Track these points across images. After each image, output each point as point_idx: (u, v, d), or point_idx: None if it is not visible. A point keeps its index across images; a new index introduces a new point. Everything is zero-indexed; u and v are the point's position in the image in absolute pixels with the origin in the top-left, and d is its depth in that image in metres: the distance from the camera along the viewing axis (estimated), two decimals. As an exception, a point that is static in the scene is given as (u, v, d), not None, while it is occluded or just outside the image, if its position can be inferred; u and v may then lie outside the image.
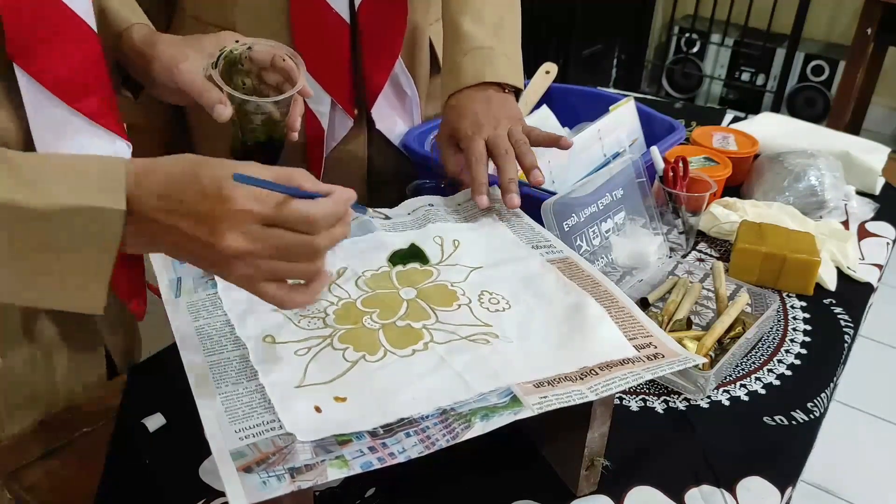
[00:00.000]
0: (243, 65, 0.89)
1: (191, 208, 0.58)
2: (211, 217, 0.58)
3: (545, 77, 1.45)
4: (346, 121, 1.18)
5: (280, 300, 0.62)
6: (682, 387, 0.91)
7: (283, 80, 0.90)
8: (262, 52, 0.89)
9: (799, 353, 1.00)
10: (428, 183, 1.16)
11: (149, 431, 0.80)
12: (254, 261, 0.59)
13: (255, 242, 0.58)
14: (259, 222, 0.58)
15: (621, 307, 0.77)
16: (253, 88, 0.90)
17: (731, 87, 3.77)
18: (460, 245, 0.86)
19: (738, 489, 0.78)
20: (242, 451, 0.58)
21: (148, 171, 0.59)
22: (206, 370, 0.66)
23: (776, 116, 1.69)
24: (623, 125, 1.29)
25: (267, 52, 0.89)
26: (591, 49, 3.47)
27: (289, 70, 0.89)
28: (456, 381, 0.66)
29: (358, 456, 0.58)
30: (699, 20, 3.72)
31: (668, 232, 1.18)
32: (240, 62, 0.88)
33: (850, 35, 3.14)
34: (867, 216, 1.36)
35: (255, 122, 0.89)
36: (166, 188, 0.58)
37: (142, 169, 0.59)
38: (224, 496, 0.57)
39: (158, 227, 0.59)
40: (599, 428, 0.72)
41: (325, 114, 1.14)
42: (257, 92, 0.90)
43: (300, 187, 0.61)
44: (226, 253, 0.58)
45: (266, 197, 0.59)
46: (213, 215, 0.58)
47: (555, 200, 0.98)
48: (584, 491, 0.76)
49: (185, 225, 0.58)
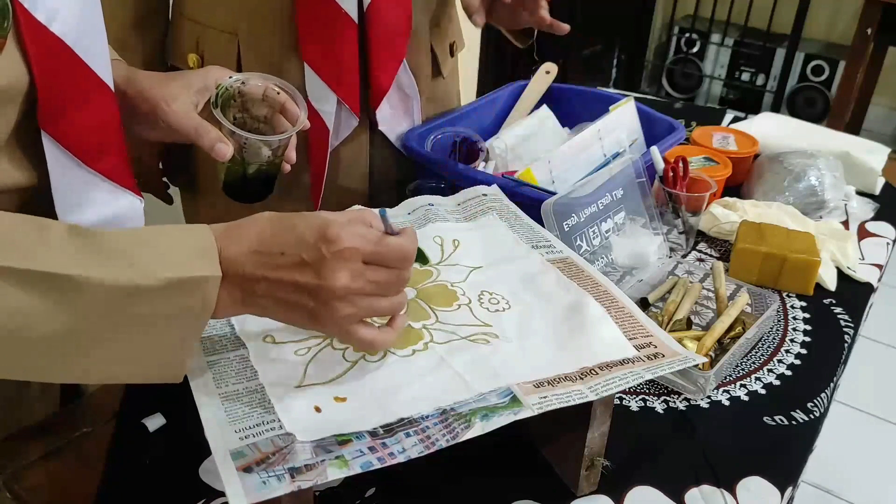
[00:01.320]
0: (236, 100, 0.88)
1: (294, 258, 0.60)
2: (319, 260, 0.60)
3: (545, 77, 1.45)
4: (350, 121, 1.18)
5: (373, 341, 0.64)
6: (682, 387, 0.91)
7: (273, 111, 0.89)
8: (254, 87, 0.88)
9: (799, 353, 1.00)
10: (428, 183, 1.16)
11: (149, 431, 0.80)
12: (356, 298, 0.61)
13: (359, 280, 0.61)
14: (363, 259, 0.61)
15: (621, 307, 0.77)
16: (242, 122, 0.89)
17: (731, 87, 3.77)
18: (460, 245, 0.86)
19: (738, 489, 0.78)
20: (242, 451, 0.58)
21: (233, 234, 0.61)
22: (206, 370, 0.66)
23: (776, 116, 1.69)
24: (623, 125, 1.29)
25: (260, 87, 0.88)
26: (591, 49, 3.47)
27: (282, 102, 0.88)
28: (456, 381, 0.66)
29: (358, 456, 0.58)
30: (699, 20, 3.72)
31: (668, 232, 1.18)
32: (233, 97, 0.87)
33: (850, 35, 3.15)
34: (867, 216, 1.36)
35: (254, 158, 0.88)
36: (260, 244, 0.60)
37: (225, 232, 0.61)
38: (224, 496, 0.57)
39: (257, 284, 0.61)
40: (599, 428, 0.72)
41: (331, 113, 1.14)
42: (245, 124, 0.89)
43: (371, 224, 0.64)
44: (335, 293, 0.60)
45: (367, 234, 0.62)
46: (321, 257, 0.60)
47: (555, 200, 0.98)
48: (584, 491, 0.76)
49: (289, 275, 0.60)
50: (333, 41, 1.10)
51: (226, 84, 0.86)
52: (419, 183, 1.17)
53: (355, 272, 0.60)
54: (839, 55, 3.46)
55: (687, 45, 3.78)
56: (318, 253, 0.60)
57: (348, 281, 0.60)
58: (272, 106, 0.89)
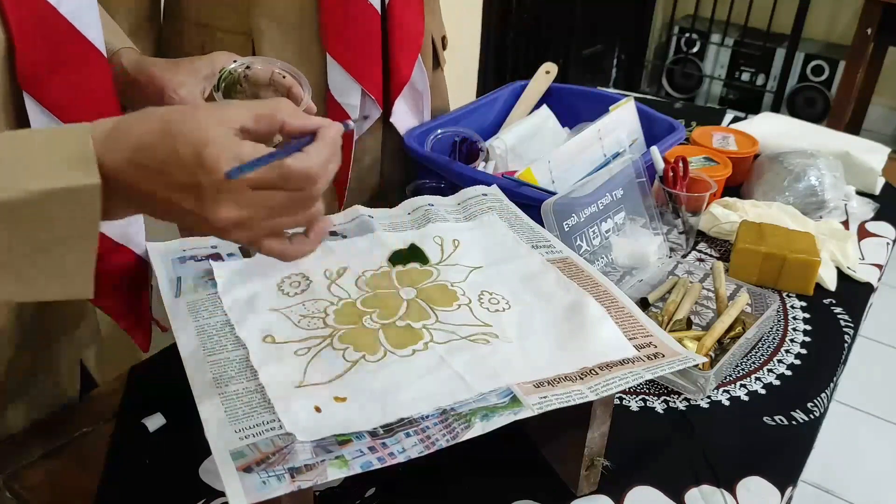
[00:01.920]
0: (242, 85, 0.87)
1: (173, 180, 0.53)
2: (197, 188, 0.53)
3: (545, 77, 1.45)
4: (374, 112, 1.19)
5: (285, 254, 0.60)
6: (682, 387, 0.91)
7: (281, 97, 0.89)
8: (260, 71, 0.87)
9: (799, 353, 1.00)
10: (428, 183, 1.16)
11: (149, 431, 0.80)
12: (251, 224, 0.56)
13: (248, 208, 0.55)
14: (252, 186, 0.55)
15: (621, 307, 0.77)
16: None
17: (731, 87, 3.77)
18: (460, 245, 0.86)
19: (738, 489, 0.78)
20: (242, 451, 0.58)
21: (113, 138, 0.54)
22: (206, 370, 0.66)
23: (776, 116, 1.69)
24: (623, 125, 1.29)
25: (266, 70, 0.87)
26: (591, 49, 3.47)
27: (288, 86, 0.88)
28: (456, 381, 0.66)
29: (358, 456, 0.58)
30: (699, 20, 3.72)
31: (668, 232, 1.18)
32: (239, 83, 0.87)
33: (850, 35, 3.14)
34: (867, 216, 1.36)
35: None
36: (140, 155, 0.53)
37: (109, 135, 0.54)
38: (224, 496, 0.57)
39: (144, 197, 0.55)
40: (599, 428, 0.72)
41: (355, 107, 1.15)
42: None
43: (283, 125, 0.57)
44: (218, 225, 0.55)
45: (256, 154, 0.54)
46: (198, 185, 0.53)
47: (555, 200, 0.98)
48: (584, 491, 0.76)
49: (172, 196, 0.54)
50: (358, 33, 1.11)
51: (230, 68, 0.86)
52: (419, 183, 1.17)
53: (242, 202, 0.54)
54: (839, 55, 3.46)
55: (687, 45, 3.78)
56: (194, 179, 0.53)
57: (233, 213, 0.54)
58: (279, 90, 0.88)
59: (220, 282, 0.76)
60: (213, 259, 0.80)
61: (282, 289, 0.77)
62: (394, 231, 0.89)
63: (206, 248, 0.82)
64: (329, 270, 0.80)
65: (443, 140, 1.26)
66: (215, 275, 0.77)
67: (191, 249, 0.81)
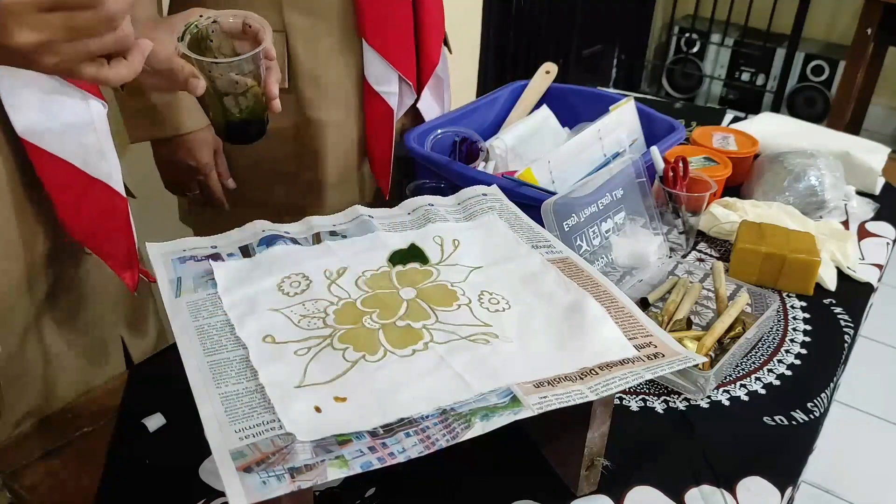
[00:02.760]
0: (213, 40, 0.86)
1: None
2: None
3: (545, 77, 1.45)
4: (408, 99, 1.21)
5: (102, 78, 0.61)
6: (682, 387, 0.91)
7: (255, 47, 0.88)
8: (230, 24, 0.86)
9: (799, 353, 1.00)
10: (428, 183, 1.16)
11: (149, 431, 0.80)
12: (55, 47, 0.57)
13: (45, 31, 0.56)
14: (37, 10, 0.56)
15: (621, 307, 0.77)
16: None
17: (731, 87, 3.77)
18: (460, 245, 0.86)
19: (738, 489, 0.78)
20: (242, 451, 0.58)
21: None
22: (206, 370, 0.66)
23: (776, 116, 1.70)
24: (623, 125, 1.29)
25: (236, 23, 0.86)
26: (591, 49, 3.47)
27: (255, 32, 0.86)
28: (456, 380, 0.66)
29: (358, 456, 0.58)
30: (699, 20, 3.72)
31: (668, 232, 1.19)
32: (209, 38, 0.85)
33: (850, 35, 3.15)
34: (867, 216, 1.36)
35: (230, 90, 0.86)
36: None
37: None
38: (224, 496, 0.57)
39: None
40: (599, 428, 0.72)
41: (394, 94, 1.17)
42: None
43: None
44: (21, 51, 0.56)
45: None
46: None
47: (555, 200, 0.98)
48: (584, 491, 0.76)
49: None
50: (395, 20, 1.13)
51: (194, 21, 0.84)
52: (419, 183, 1.17)
53: (36, 25, 0.55)
54: (839, 55, 3.47)
55: (687, 45, 3.78)
56: None
57: (32, 37, 0.55)
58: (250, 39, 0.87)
59: (220, 282, 0.76)
60: (213, 259, 0.80)
61: (282, 289, 0.77)
62: (394, 231, 0.88)
63: (206, 248, 0.82)
64: (329, 270, 0.80)
65: (443, 140, 1.26)
66: (215, 275, 0.77)
67: (191, 249, 0.81)
